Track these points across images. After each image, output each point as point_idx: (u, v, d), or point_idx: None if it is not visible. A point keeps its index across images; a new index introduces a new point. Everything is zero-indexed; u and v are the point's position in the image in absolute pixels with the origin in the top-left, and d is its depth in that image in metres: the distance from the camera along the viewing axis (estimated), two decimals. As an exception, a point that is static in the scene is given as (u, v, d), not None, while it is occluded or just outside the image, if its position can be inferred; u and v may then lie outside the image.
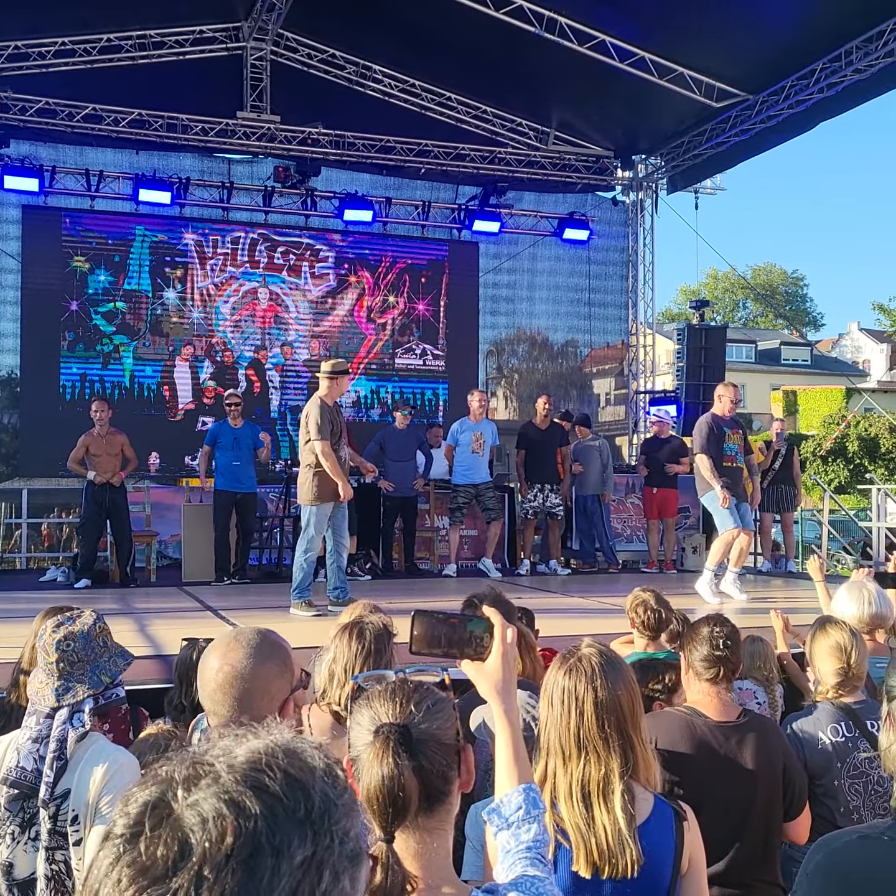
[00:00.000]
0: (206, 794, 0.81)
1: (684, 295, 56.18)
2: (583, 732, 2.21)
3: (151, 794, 0.83)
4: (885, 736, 1.69)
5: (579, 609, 8.10)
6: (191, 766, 0.85)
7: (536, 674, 3.54)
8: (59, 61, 12.49)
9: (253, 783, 0.83)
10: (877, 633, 4.16)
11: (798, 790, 3.07)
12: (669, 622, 4.32)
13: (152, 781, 0.85)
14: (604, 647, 2.36)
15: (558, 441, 11.20)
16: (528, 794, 1.72)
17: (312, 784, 0.85)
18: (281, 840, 0.80)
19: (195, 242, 13.76)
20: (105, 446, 9.86)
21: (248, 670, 2.11)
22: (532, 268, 15.42)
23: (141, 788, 0.84)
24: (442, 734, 1.63)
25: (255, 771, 0.84)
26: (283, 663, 2.20)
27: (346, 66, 13.66)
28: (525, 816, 1.69)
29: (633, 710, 2.26)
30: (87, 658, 2.72)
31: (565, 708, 2.23)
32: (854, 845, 1.55)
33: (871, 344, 56.23)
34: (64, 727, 2.61)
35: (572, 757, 2.22)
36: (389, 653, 2.84)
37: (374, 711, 1.65)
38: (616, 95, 13.16)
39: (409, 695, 1.66)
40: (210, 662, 2.14)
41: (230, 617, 7.12)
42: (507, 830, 1.69)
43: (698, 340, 14.24)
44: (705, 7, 11.03)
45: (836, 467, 29.20)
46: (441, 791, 1.60)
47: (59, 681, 2.66)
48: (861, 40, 11.00)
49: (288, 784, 0.84)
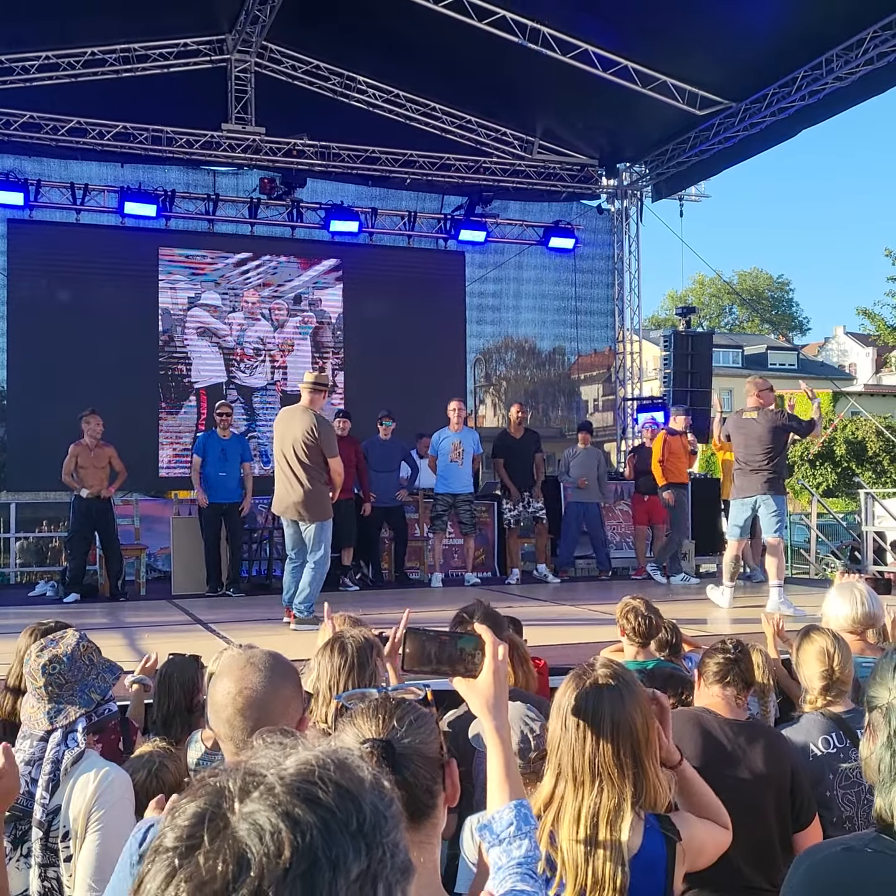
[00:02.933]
0: (260, 805, 0.80)
1: (671, 300, 56.39)
2: (598, 759, 2.14)
3: (203, 805, 0.81)
4: (865, 746, 1.70)
5: (569, 617, 8.10)
6: (244, 778, 0.83)
7: (529, 685, 3.55)
8: (43, 75, 12.48)
9: (306, 795, 0.82)
10: (867, 633, 4.17)
11: (806, 798, 3.04)
12: (659, 630, 4.33)
13: (203, 793, 0.83)
14: (619, 668, 2.30)
15: (533, 448, 11.25)
16: (519, 811, 1.72)
17: (363, 796, 0.85)
18: (337, 854, 0.79)
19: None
20: (93, 459, 9.80)
21: (268, 693, 2.08)
22: (518, 276, 15.47)
23: (190, 800, 0.83)
24: (425, 748, 1.64)
25: (308, 783, 0.83)
26: (297, 684, 2.20)
27: (330, 77, 13.69)
28: (516, 833, 1.69)
29: (648, 734, 2.21)
30: (74, 679, 2.72)
31: (580, 732, 2.17)
32: (838, 857, 1.55)
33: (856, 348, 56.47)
34: (59, 749, 2.61)
35: (585, 783, 2.15)
36: (373, 665, 2.83)
37: (358, 728, 1.66)
38: (600, 104, 13.22)
39: (391, 711, 1.67)
40: (225, 687, 2.09)
41: (221, 630, 7.10)
42: (498, 846, 1.70)
43: (685, 347, 14.29)
44: (687, 16, 11.08)
45: (823, 471, 29.28)
46: (426, 805, 1.60)
47: (49, 704, 2.66)
48: (841, 48, 11.07)
49: (340, 796, 0.83)
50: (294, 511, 7.56)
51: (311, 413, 7.56)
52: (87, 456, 9.80)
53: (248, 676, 2.09)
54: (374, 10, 11.60)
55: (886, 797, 1.53)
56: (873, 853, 1.50)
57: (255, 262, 14.15)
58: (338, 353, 14.60)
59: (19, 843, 2.58)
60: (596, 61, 12.12)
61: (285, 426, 7.64)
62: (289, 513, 7.61)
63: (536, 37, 11.76)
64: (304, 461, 7.48)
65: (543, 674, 4.17)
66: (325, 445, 7.49)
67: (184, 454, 13.54)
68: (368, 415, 11.32)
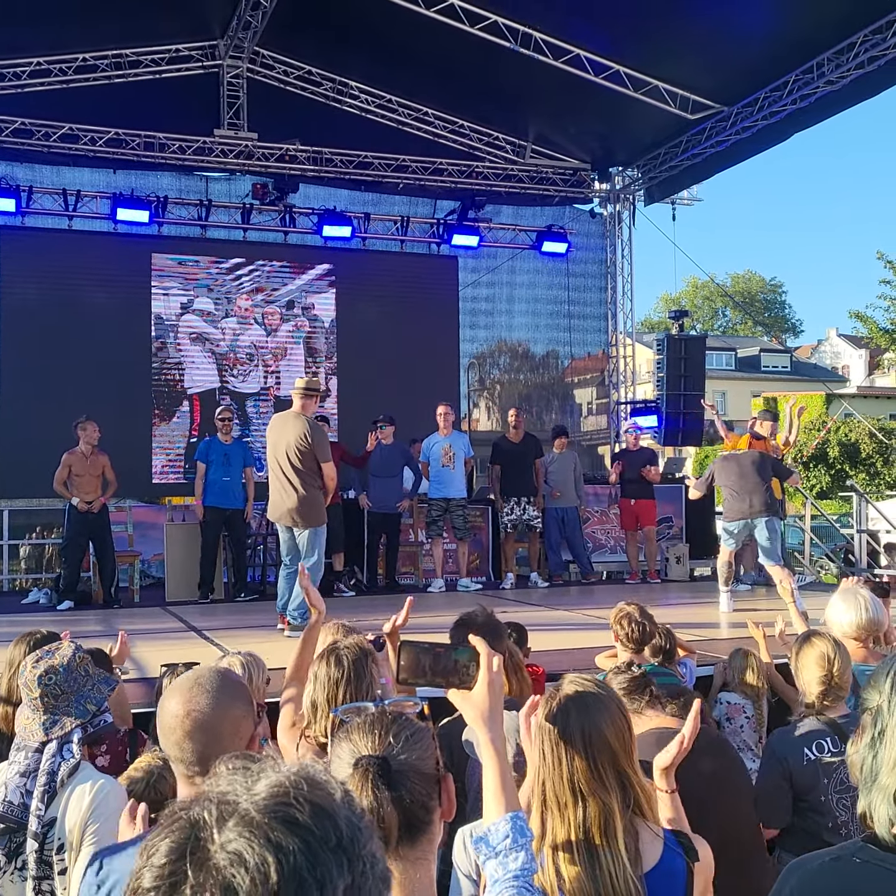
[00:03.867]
0: (238, 833, 0.80)
1: (665, 303, 56.48)
2: (576, 777, 2.08)
3: (180, 839, 0.81)
4: (851, 746, 1.71)
5: (564, 623, 8.11)
6: (217, 807, 0.82)
7: (524, 693, 3.54)
8: (35, 81, 12.47)
9: (283, 817, 0.81)
10: (870, 639, 4.16)
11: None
12: (653, 636, 4.33)
13: (176, 827, 0.82)
14: (587, 681, 2.22)
15: (533, 453, 11.22)
16: (515, 823, 1.72)
17: (338, 811, 0.85)
18: (322, 873, 0.79)
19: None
20: (88, 467, 9.76)
21: (216, 715, 2.03)
22: (511, 281, 15.48)
23: (163, 836, 0.82)
24: (422, 764, 1.63)
25: (283, 805, 0.82)
26: (248, 702, 2.15)
27: (322, 82, 13.69)
28: (512, 845, 1.69)
29: (625, 744, 2.14)
30: (70, 689, 2.72)
31: (555, 755, 2.10)
32: (827, 868, 1.55)
33: (849, 350, 56.61)
34: (54, 760, 2.60)
35: (568, 805, 2.09)
36: (369, 675, 2.82)
37: (354, 744, 1.65)
38: (592, 108, 13.24)
39: (387, 726, 1.66)
40: (172, 709, 2.03)
41: (215, 637, 7.09)
42: (494, 859, 1.69)
43: (678, 350, 14.31)
44: (678, 21, 11.10)
45: (817, 473, 29.33)
46: (422, 821, 1.60)
47: (45, 715, 2.66)
48: (832, 52, 11.10)
49: (316, 814, 0.83)
50: (289, 517, 7.55)
51: (304, 419, 7.56)
52: (83, 464, 9.74)
53: (196, 698, 2.04)
54: (366, 16, 11.60)
55: (867, 797, 1.54)
56: (860, 863, 1.51)
57: (247, 267, 14.13)
58: (331, 359, 14.59)
59: (14, 855, 2.58)
60: (588, 66, 12.14)
61: (278, 433, 7.63)
62: (284, 519, 7.61)
63: (528, 42, 11.78)
64: (297, 467, 7.47)
65: (540, 681, 4.16)
66: (318, 451, 7.48)
67: (177, 460, 13.53)
68: (362, 420, 11.30)
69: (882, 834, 1.50)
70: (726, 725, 4.57)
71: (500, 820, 1.72)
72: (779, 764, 3.33)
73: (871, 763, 1.56)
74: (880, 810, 1.51)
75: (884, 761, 1.54)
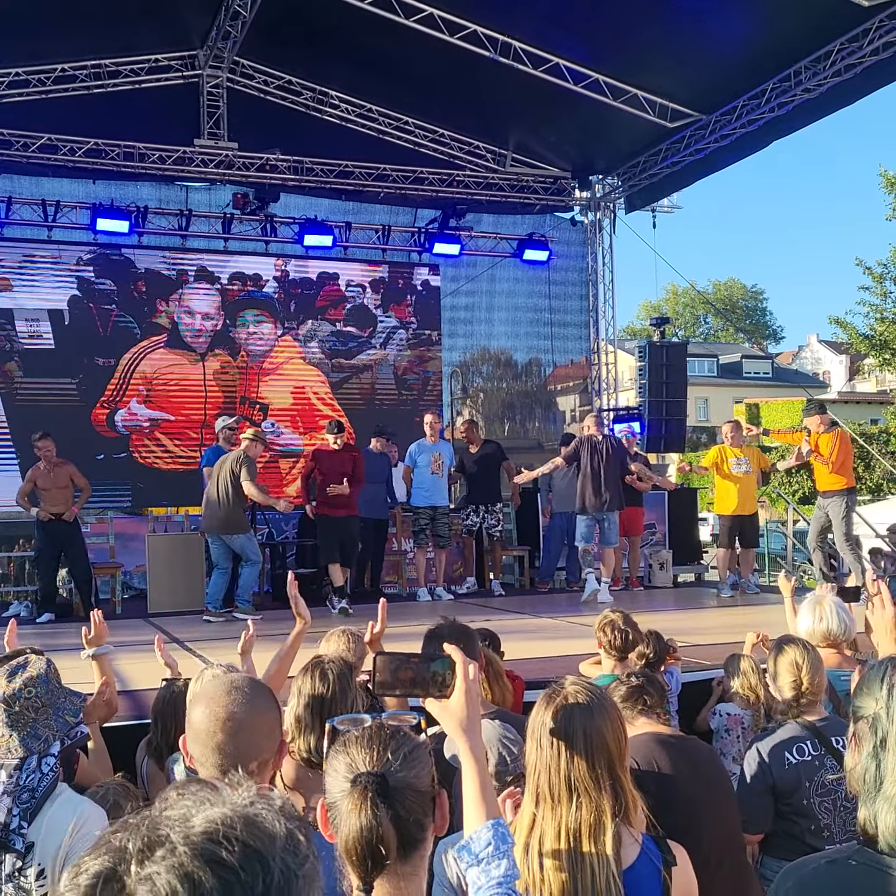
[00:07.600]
0: (160, 867, 0.77)
1: (646, 310, 56.65)
2: (574, 774, 2.12)
3: (103, 864, 0.79)
4: (850, 756, 1.70)
5: (548, 630, 8.09)
6: (146, 836, 0.80)
7: (506, 700, 3.53)
8: (13, 92, 12.42)
9: (210, 856, 0.78)
10: (842, 646, 4.20)
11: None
12: (637, 644, 4.32)
13: (105, 850, 0.80)
14: (589, 684, 2.29)
15: (496, 459, 11.38)
16: (496, 830, 1.71)
17: (273, 855, 0.81)
18: None
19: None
20: (53, 479, 9.77)
21: (256, 719, 2.07)
22: (491, 289, 15.49)
23: (92, 858, 0.80)
24: (418, 782, 1.63)
25: (212, 843, 0.79)
26: (279, 709, 2.19)
27: (302, 91, 13.69)
28: (494, 852, 1.69)
29: (621, 749, 2.19)
30: (49, 702, 2.66)
31: (554, 750, 2.14)
32: (823, 871, 1.55)
33: (830, 355, 56.99)
34: (34, 776, 2.54)
35: (562, 800, 2.13)
36: (354, 690, 2.80)
37: (352, 759, 1.64)
38: (572, 117, 13.28)
39: (385, 742, 1.66)
40: (213, 713, 2.06)
41: (196, 649, 7.05)
42: (477, 867, 1.69)
43: (659, 357, 14.35)
44: (656, 30, 11.15)
45: (799, 478, 29.43)
46: (417, 839, 1.60)
47: (24, 730, 2.59)
48: (809, 60, 11.18)
49: (246, 856, 0.80)
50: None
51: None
52: (48, 478, 9.78)
53: (236, 701, 2.07)
54: (345, 25, 11.62)
55: (871, 808, 1.53)
56: (857, 865, 1.50)
57: (229, 277, 14.10)
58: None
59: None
60: (567, 75, 12.19)
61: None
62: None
63: (508, 51, 11.82)
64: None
65: (518, 691, 4.15)
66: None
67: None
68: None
69: (890, 842, 1.49)
70: (724, 736, 4.56)
71: (481, 827, 1.72)
72: (760, 769, 3.34)
73: (875, 772, 1.54)
74: (887, 819, 1.50)
75: (888, 770, 1.52)
